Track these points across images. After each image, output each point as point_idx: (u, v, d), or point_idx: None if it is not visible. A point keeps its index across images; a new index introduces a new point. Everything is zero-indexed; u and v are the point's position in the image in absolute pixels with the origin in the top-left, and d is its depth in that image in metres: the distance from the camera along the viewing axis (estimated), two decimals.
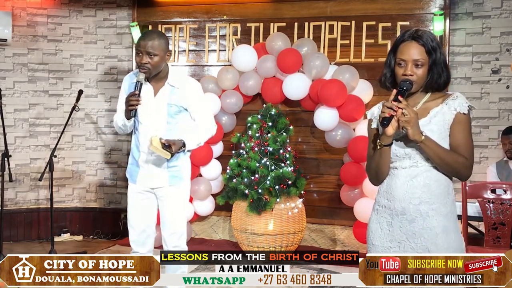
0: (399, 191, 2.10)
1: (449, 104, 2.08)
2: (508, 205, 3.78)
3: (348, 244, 5.11)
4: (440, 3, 4.88)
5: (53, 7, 5.80)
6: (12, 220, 5.55)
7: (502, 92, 4.89)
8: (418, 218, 2.06)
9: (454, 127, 2.07)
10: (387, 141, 2.09)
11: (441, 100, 2.11)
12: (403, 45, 2.09)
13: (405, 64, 2.07)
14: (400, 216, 2.09)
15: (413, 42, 2.07)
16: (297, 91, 4.88)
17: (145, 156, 3.19)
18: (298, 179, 4.84)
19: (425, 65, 2.06)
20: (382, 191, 2.19)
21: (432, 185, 2.07)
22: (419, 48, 2.06)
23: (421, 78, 2.07)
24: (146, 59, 3.06)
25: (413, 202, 2.07)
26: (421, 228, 2.05)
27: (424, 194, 2.06)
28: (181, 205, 3.26)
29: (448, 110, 2.07)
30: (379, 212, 2.18)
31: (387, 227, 2.13)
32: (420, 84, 2.09)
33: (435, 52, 2.06)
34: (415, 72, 2.06)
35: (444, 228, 2.05)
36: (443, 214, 2.07)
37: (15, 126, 5.66)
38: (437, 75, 2.08)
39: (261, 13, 5.42)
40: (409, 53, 2.06)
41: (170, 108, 3.15)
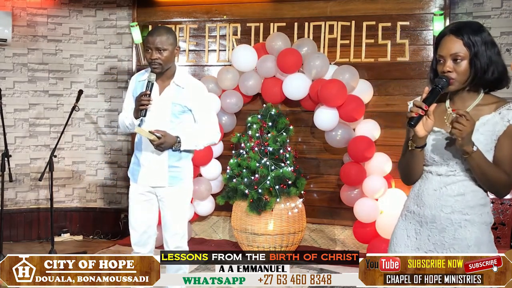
0: (430, 197, 1.97)
1: (503, 114, 1.91)
2: (508, 205, 3.79)
3: (348, 244, 5.11)
4: (440, 3, 4.88)
5: (53, 7, 5.80)
6: (12, 220, 5.55)
7: (502, 92, 4.88)
8: (449, 227, 1.93)
9: (502, 140, 1.90)
10: (419, 142, 1.94)
11: (495, 107, 1.93)
12: (442, 40, 1.92)
13: (443, 60, 1.91)
14: (430, 224, 1.97)
15: (451, 35, 1.90)
16: (297, 91, 4.88)
17: (147, 155, 3.19)
18: (298, 179, 4.84)
19: (465, 60, 1.88)
20: (412, 196, 2.05)
21: (467, 195, 1.93)
22: (457, 42, 1.88)
23: (462, 74, 1.89)
24: (156, 55, 3.07)
25: (445, 211, 1.94)
26: (452, 239, 1.93)
27: (458, 203, 1.93)
28: (181, 206, 3.25)
29: (501, 120, 1.90)
30: (407, 218, 2.05)
31: (415, 234, 2.02)
32: (461, 81, 1.90)
33: (476, 45, 1.87)
34: (454, 68, 1.89)
35: (477, 240, 1.92)
36: (477, 225, 1.93)
37: (15, 126, 5.66)
38: (482, 71, 1.88)
39: (261, 13, 5.41)
40: (447, 48, 1.89)
41: (174, 107, 3.14)
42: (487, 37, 1.91)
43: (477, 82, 1.92)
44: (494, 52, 1.90)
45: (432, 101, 1.87)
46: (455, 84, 1.91)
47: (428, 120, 1.88)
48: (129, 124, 3.23)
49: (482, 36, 1.90)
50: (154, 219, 3.29)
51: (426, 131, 1.90)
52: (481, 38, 1.89)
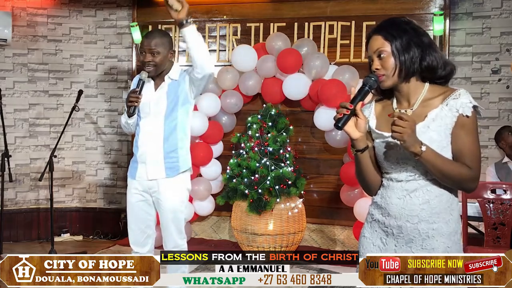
0: (394, 207, 1.88)
1: (450, 104, 1.80)
2: (508, 205, 3.78)
3: (348, 244, 5.11)
4: (440, 3, 4.88)
5: (53, 7, 5.80)
6: (12, 220, 5.55)
7: (502, 92, 4.90)
8: (417, 238, 1.86)
9: (456, 132, 1.80)
10: (358, 145, 1.84)
11: (442, 99, 1.82)
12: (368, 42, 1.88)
13: (372, 60, 1.85)
14: (396, 235, 1.90)
15: (373, 35, 1.86)
16: (297, 91, 4.88)
17: (143, 150, 3.22)
18: (298, 179, 4.84)
19: (388, 53, 1.81)
20: (376, 203, 1.96)
21: (432, 202, 1.84)
22: (377, 38, 1.84)
23: (389, 68, 1.81)
24: (150, 57, 3.14)
25: (411, 221, 1.85)
26: (420, 249, 1.87)
27: (424, 212, 1.84)
28: (177, 202, 3.23)
29: (449, 112, 1.80)
30: (373, 226, 1.98)
31: (381, 244, 1.95)
32: (391, 76, 1.83)
33: (395, 36, 1.81)
34: (381, 65, 1.82)
35: (445, 250, 1.86)
36: (446, 234, 1.86)
37: (15, 126, 5.66)
38: (408, 60, 1.81)
39: (261, 13, 5.42)
40: (371, 47, 1.85)
41: (169, 99, 3.18)
42: (410, 27, 1.84)
43: (407, 73, 1.82)
44: (420, 40, 1.83)
45: (360, 100, 1.79)
46: (385, 80, 1.84)
47: (359, 120, 1.80)
48: (125, 123, 3.30)
49: (403, 26, 1.84)
50: (152, 219, 3.30)
51: (361, 132, 1.81)
52: (401, 29, 1.83)
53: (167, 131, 3.18)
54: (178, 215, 3.23)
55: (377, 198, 1.96)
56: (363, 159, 1.88)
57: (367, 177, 1.92)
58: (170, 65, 3.26)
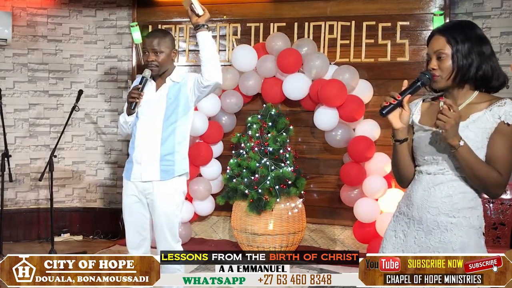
0: (418, 198, 1.94)
1: (494, 110, 1.86)
2: (508, 205, 3.79)
3: (348, 244, 5.11)
4: (440, 3, 4.88)
5: (53, 7, 5.80)
6: (12, 220, 5.55)
7: (502, 92, 4.88)
8: (436, 230, 1.90)
9: (494, 137, 1.85)
10: (398, 136, 1.93)
11: (487, 105, 1.88)
12: (430, 40, 1.95)
13: (430, 58, 1.93)
14: (417, 226, 1.95)
15: (437, 34, 1.92)
16: (297, 91, 4.88)
17: (139, 150, 3.19)
18: (298, 179, 4.84)
19: (448, 56, 1.87)
20: (404, 196, 2.03)
21: (454, 197, 1.89)
22: (440, 39, 1.89)
23: (445, 70, 1.88)
24: (152, 57, 3.15)
25: (431, 212, 1.91)
26: (438, 242, 1.90)
27: (444, 205, 1.89)
28: (171, 206, 3.19)
29: (491, 117, 1.86)
30: (398, 219, 2.03)
31: (402, 236, 2.00)
32: (445, 78, 1.89)
33: (458, 41, 1.86)
34: (438, 65, 1.89)
35: (463, 244, 1.88)
36: (464, 229, 1.88)
37: (15, 126, 5.66)
38: (466, 67, 1.86)
39: (261, 13, 5.41)
40: (431, 46, 1.92)
41: (169, 101, 3.16)
42: (475, 34, 1.89)
43: (461, 79, 1.89)
44: (481, 48, 1.88)
45: (409, 93, 1.88)
46: (439, 81, 1.91)
47: (403, 112, 1.89)
48: (123, 122, 3.26)
49: (468, 33, 1.88)
50: (147, 221, 3.27)
51: (403, 124, 1.91)
52: (465, 35, 1.87)
53: (165, 134, 3.15)
54: (172, 218, 3.18)
55: (407, 191, 2.03)
56: (401, 150, 1.96)
57: (401, 168, 2.00)
58: (172, 66, 3.25)
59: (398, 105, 1.89)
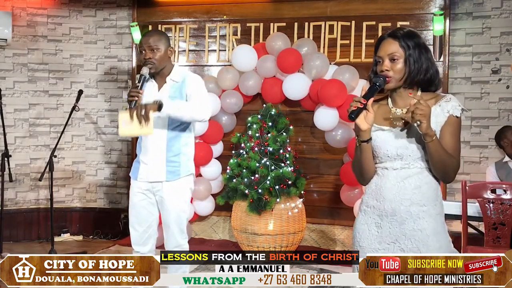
0: (389, 192, 2.07)
1: (442, 106, 2.05)
2: (508, 205, 3.78)
3: (348, 244, 5.11)
4: (440, 3, 4.88)
5: (53, 7, 5.80)
6: (12, 220, 5.55)
7: (502, 92, 4.90)
8: (409, 219, 2.04)
9: (445, 129, 2.03)
10: (364, 136, 2.07)
11: (434, 102, 2.06)
12: (381, 43, 2.09)
13: (382, 60, 2.06)
14: (390, 217, 2.06)
15: (389, 38, 2.07)
16: (297, 91, 4.88)
17: (146, 152, 3.24)
18: (298, 179, 4.83)
19: (401, 59, 2.03)
20: (370, 192, 2.15)
21: (423, 187, 2.05)
22: (394, 43, 2.05)
23: (398, 72, 2.03)
24: (150, 54, 3.18)
25: (404, 204, 2.04)
26: (412, 230, 2.03)
27: (415, 196, 2.04)
28: (180, 203, 3.24)
29: (441, 112, 2.04)
30: (367, 213, 2.14)
31: (376, 228, 2.10)
32: (398, 79, 2.05)
33: (410, 46, 2.03)
34: (391, 67, 2.04)
35: (434, 229, 2.04)
36: (433, 216, 2.05)
37: (15, 126, 5.66)
38: (416, 70, 2.03)
39: (261, 13, 5.42)
40: (385, 49, 2.05)
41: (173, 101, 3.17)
42: (421, 41, 2.08)
43: (411, 80, 2.06)
44: (427, 55, 2.07)
45: (370, 96, 2.01)
46: (392, 82, 2.05)
47: (368, 113, 2.03)
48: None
49: (416, 40, 2.06)
50: (154, 218, 3.31)
51: (368, 124, 2.04)
52: (414, 42, 2.05)
53: (170, 135, 3.19)
54: (181, 214, 3.24)
55: (371, 187, 2.15)
56: (366, 150, 2.09)
57: (366, 166, 2.12)
58: (170, 66, 3.27)
59: (364, 108, 2.01)
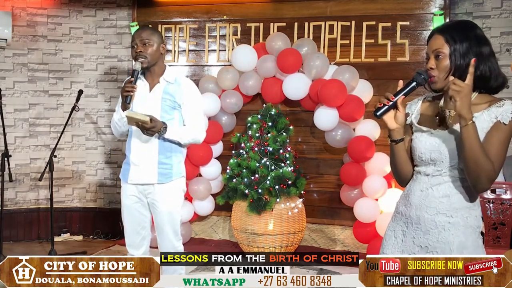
0: (416, 198, 1.94)
1: (491, 111, 1.85)
2: (508, 205, 3.78)
3: (348, 244, 5.11)
4: (440, 3, 4.88)
5: (53, 7, 5.79)
6: (12, 220, 5.55)
7: (502, 92, 4.88)
8: (433, 230, 1.91)
9: (490, 133, 1.83)
10: (394, 136, 1.94)
11: (486, 106, 1.87)
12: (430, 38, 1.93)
13: (428, 57, 1.91)
14: (415, 226, 1.95)
15: (436, 33, 1.90)
16: (297, 91, 4.88)
17: (136, 153, 3.20)
18: (298, 179, 4.84)
19: (446, 56, 1.85)
20: (402, 196, 2.04)
21: (452, 197, 1.89)
22: (439, 38, 1.87)
23: (442, 70, 1.86)
24: (141, 48, 3.14)
25: (429, 212, 1.91)
26: (436, 241, 1.91)
27: (442, 205, 1.89)
28: (172, 205, 3.21)
29: (488, 117, 1.84)
30: (396, 219, 2.04)
31: (401, 236, 2.00)
32: (443, 78, 1.87)
33: (457, 41, 1.84)
34: (436, 65, 1.87)
35: (460, 244, 1.88)
36: (461, 228, 1.88)
37: (15, 126, 5.66)
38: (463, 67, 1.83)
39: (261, 13, 5.41)
40: (430, 45, 1.90)
41: (164, 103, 3.16)
42: (474, 34, 1.86)
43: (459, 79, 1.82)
44: (480, 49, 1.85)
45: (404, 94, 1.87)
46: (437, 81, 1.89)
47: (398, 112, 1.90)
48: (118, 120, 3.23)
49: (468, 33, 1.86)
50: (147, 220, 3.28)
51: (398, 124, 1.91)
52: (464, 35, 1.85)
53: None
54: (174, 216, 3.22)
55: (404, 191, 2.03)
56: (397, 150, 1.97)
57: (399, 168, 2.00)
58: (162, 65, 3.24)
59: (392, 106, 1.88)
